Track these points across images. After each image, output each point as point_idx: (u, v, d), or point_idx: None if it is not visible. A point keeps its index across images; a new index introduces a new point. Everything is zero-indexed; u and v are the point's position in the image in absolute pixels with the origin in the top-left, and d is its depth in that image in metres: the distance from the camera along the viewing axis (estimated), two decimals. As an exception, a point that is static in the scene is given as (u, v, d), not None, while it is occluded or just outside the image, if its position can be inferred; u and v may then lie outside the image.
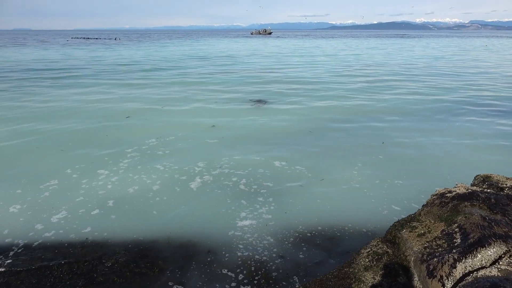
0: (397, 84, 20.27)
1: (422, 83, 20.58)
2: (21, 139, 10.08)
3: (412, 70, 26.81)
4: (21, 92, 17.66)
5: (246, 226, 5.79)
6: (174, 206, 6.42)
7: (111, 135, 10.58)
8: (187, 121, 12.20)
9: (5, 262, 4.67)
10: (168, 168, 8.10)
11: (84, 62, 32.94)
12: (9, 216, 5.87)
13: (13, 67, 28.36)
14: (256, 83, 20.45)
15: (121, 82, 20.96)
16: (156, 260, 4.83)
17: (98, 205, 6.34)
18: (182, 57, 39.03)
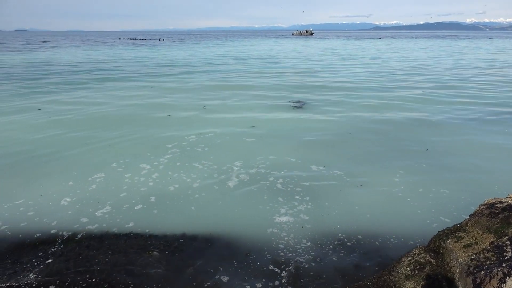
0: (444, 89, 19.33)
1: (472, 89, 19.45)
2: (72, 135, 10.71)
3: (461, 74, 25.45)
4: (71, 91, 18.78)
5: (283, 226, 5.77)
6: (212, 203, 6.53)
7: (153, 132, 10.96)
8: (227, 121, 12.37)
9: (55, 252, 4.99)
10: (206, 165, 8.25)
11: (129, 63, 34.40)
12: (60, 209, 6.25)
13: (62, 67, 30.20)
14: (296, 85, 20.33)
15: (163, 82, 21.68)
16: (193, 257, 4.94)
17: (141, 200, 6.59)
18: (222, 58, 39.65)
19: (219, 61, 36.07)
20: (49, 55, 45.05)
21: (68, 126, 11.72)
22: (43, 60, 36.74)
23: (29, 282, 4.37)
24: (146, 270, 4.63)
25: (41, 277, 4.45)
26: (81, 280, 4.42)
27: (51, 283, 4.36)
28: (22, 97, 16.90)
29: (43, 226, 5.70)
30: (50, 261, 4.76)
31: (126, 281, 4.43)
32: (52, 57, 41.71)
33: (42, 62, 35.11)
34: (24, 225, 5.72)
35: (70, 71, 27.29)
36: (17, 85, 20.58)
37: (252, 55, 43.85)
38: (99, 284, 4.36)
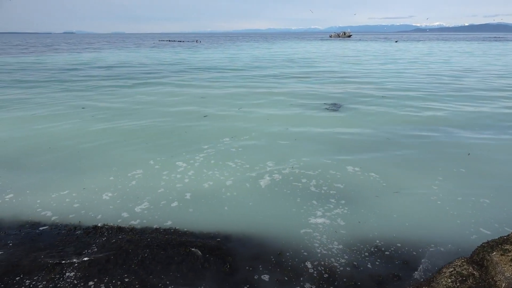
0: (490, 94, 18.32)
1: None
2: (113, 132, 11.17)
3: (510, 79, 24.06)
4: (113, 91, 19.65)
5: (316, 228, 5.73)
6: (245, 203, 6.59)
7: (190, 132, 11.20)
8: (262, 122, 12.42)
9: (98, 243, 5.23)
10: (240, 165, 8.32)
11: (168, 64, 35.35)
12: (103, 203, 6.54)
13: (105, 68, 31.55)
14: (331, 87, 20.06)
15: (200, 83, 22.11)
16: (228, 255, 5.01)
17: (177, 197, 6.76)
18: (258, 60, 39.85)
19: (255, 63, 36.28)
20: (93, 56, 47.36)
21: (109, 124, 12.24)
22: (87, 61, 38.66)
23: (73, 271, 4.60)
24: (184, 267, 4.73)
25: (85, 267, 4.68)
26: (122, 272, 4.61)
27: (94, 274, 4.57)
28: (68, 96, 17.87)
29: (87, 218, 6.00)
30: (93, 252, 5.00)
31: (165, 276, 4.56)
32: (96, 58, 43.79)
33: (86, 63, 36.95)
34: (72, 216, 6.05)
35: (112, 72, 28.53)
36: (64, 84, 21.83)
37: (288, 57, 43.73)
38: (138, 277, 4.52)
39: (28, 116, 13.37)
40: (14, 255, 4.96)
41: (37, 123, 12.34)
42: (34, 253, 4.99)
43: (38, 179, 7.57)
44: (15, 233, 5.54)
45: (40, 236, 5.44)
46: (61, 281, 4.42)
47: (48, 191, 6.97)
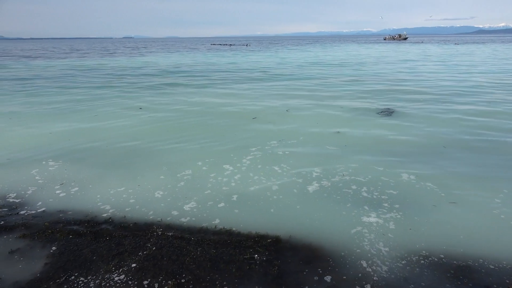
0: None
1: None
2: (166, 133, 11.70)
3: None
4: (168, 92, 20.57)
5: (367, 235, 5.59)
6: (291, 207, 6.58)
7: (238, 134, 11.42)
8: (310, 126, 12.34)
9: (151, 238, 5.50)
10: (286, 169, 8.34)
11: (219, 67, 36.27)
12: (155, 200, 6.86)
13: (162, 70, 33.08)
14: (384, 92, 19.40)
15: (250, 86, 22.44)
16: (276, 258, 5.02)
17: (224, 199, 6.91)
18: (308, 63, 39.59)
19: (305, 66, 36.08)
20: (150, 59, 49.94)
21: (163, 124, 12.83)
22: (144, 64, 40.81)
23: (130, 263, 4.89)
24: (232, 266, 4.84)
25: (141, 260, 4.95)
26: (173, 267, 4.81)
27: (149, 267, 4.82)
28: (126, 96, 19.04)
29: (141, 213, 6.34)
30: (148, 246, 5.27)
31: (215, 274, 4.70)
32: (152, 61, 46.09)
33: (143, 65, 39.00)
34: (127, 211, 6.43)
35: (167, 74, 29.91)
36: (123, 85, 23.31)
37: (339, 60, 42.96)
38: (189, 273, 4.69)
39: (91, 115, 14.44)
40: (77, 244, 5.37)
41: (98, 121, 13.29)
42: (94, 244, 5.38)
43: (98, 174, 8.15)
44: (78, 223, 6.00)
45: (100, 228, 5.84)
46: (119, 272, 4.71)
47: (106, 187, 7.47)
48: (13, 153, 9.66)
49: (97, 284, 4.50)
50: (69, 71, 34.26)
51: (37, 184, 7.62)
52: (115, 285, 4.48)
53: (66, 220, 6.12)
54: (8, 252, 5.20)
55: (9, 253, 5.19)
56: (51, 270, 4.77)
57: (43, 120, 13.62)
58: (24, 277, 4.66)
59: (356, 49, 78.01)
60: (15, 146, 10.30)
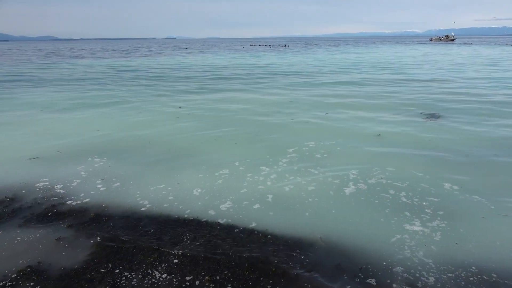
0: None
1: None
2: (205, 132, 11.93)
3: None
4: (206, 92, 21.02)
5: (406, 243, 5.39)
6: (327, 210, 6.48)
7: (275, 135, 11.43)
8: (350, 128, 12.10)
9: (189, 234, 5.63)
10: (323, 172, 8.23)
11: (258, 68, 36.44)
12: (193, 198, 7.01)
13: (201, 70, 33.79)
14: (431, 95, 18.58)
15: (288, 87, 22.42)
16: (311, 262, 4.97)
17: (259, 199, 6.93)
18: (347, 65, 38.84)
19: (345, 67, 35.41)
20: (192, 59, 51.38)
21: (202, 123, 13.10)
22: (185, 64, 41.95)
23: (169, 258, 5.04)
24: (267, 266, 4.84)
25: (179, 256, 5.09)
26: (210, 264, 4.90)
27: (186, 263, 4.94)
28: (167, 95, 19.69)
29: (180, 210, 6.49)
30: (186, 243, 5.41)
31: (248, 273, 4.72)
32: (193, 61, 47.31)
33: (184, 66, 40.09)
34: (166, 207, 6.62)
35: (206, 74, 30.61)
36: (164, 84, 24.20)
37: (382, 62, 41.71)
38: (225, 271, 4.76)
39: (134, 113, 15.06)
40: (118, 237, 5.61)
41: (141, 119, 13.82)
42: (135, 238, 5.59)
43: (139, 171, 8.45)
44: (120, 217, 6.26)
45: (140, 223, 6.06)
46: (158, 266, 4.86)
47: (147, 183, 7.73)
48: (63, 147, 10.25)
49: (138, 277, 4.67)
50: (113, 70, 35.94)
51: (82, 177, 8.04)
52: (155, 278, 4.63)
53: (108, 213, 6.41)
54: (56, 239, 5.54)
55: (56, 240, 5.53)
56: (95, 260, 5.02)
57: (90, 117, 14.37)
58: (70, 264, 4.93)
59: (400, 50, 75.34)
60: (64, 141, 10.94)
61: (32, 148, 10.18)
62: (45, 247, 5.34)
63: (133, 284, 4.51)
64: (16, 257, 5.11)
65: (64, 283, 4.55)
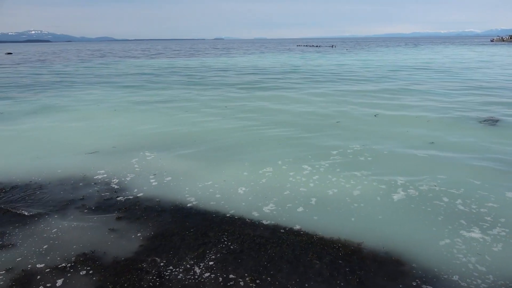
0: None
1: None
2: (250, 131, 12.11)
3: None
4: (250, 92, 21.40)
5: (463, 254, 5.09)
6: (375, 216, 6.28)
7: (320, 136, 11.30)
8: (400, 133, 11.63)
9: (233, 232, 5.74)
10: (368, 175, 8.00)
11: (304, 69, 36.18)
12: (238, 196, 7.11)
13: (251, 70, 34.13)
14: (491, 99, 17.31)
15: (335, 88, 22.06)
16: (358, 269, 4.85)
17: (303, 201, 6.86)
18: (399, 66, 37.31)
19: (396, 69, 34.02)
20: (239, 59, 52.57)
21: (247, 122, 13.28)
22: (232, 64, 42.65)
23: (214, 254, 5.17)
24: (311, 271, 4.80)
25: (223, 253, 5.20)
26: (252, 263, 4.96)
27: (230, 260, 5.04)
28: (214, 94, 20.20)
29: (225, 208, 6.62)
30: (230, 240, 5.51)
31: (292, 276, 4.71)
32: (239, 61, 48.28)
33: (231, 66, 40.83)
34: (213, 204, 6.79)
35: (253, 74, 31.21)
36: (211, 83, 24.91)
37: (437, 64, 39.48)
38: (268, 272, 4.78)
39: (182, 111, 15.65)
40: (168, 230, 5.85)
41: (188, 117, 14.32)
42: (182, 231, 5.79)
43: (188, 167, 8.73)
44: (169, 211, 6.51)
45: (187, 217, 6.26)
46: (203, 262, 4.99)
47: (195, 179, 7.96)
48: (117, 142, 10.86)
49: (183, 270, 4.83)
50: (162, 70, 37.57)
51: (135, 172, 8.46)
52: (199, 273, 4.76)
53: (158, 207, 6.69)
54: (109, 229, 5.89)
55: (110, 230, 5.88)
56: (145, 252, 5.27)
57: (142, 114, 15.12)
58: (122, 254, 5.22)
59: (458, 51, 71.03)
60: (119, 136, 11.60)
61: (90, 143, 10.90)
62: (100, 236, 5.70)
63: (178, 277, 4.68)
64: (75, 243, 5.51)
65: (116, 271, 4.83)
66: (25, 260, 5.08)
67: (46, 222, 6.17)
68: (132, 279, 4.65)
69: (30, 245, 5.47)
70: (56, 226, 6.05)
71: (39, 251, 5.31)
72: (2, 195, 7.22)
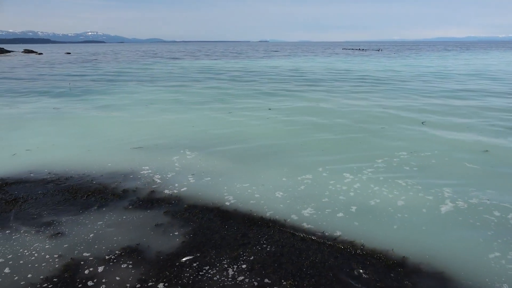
0: None
1: None
2: (291, 134, 12.02)
3: None
4: (297, 95, 21.23)
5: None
6: (419, 228, 6.01)
7: (363, 142, 11.00)
8: (451, 141, 11.05)
9: (273, 236, 5.73)
10: (413, 185, 7.66)
11: (350, 72, 35.45)
12: (276, 200, 7.08)
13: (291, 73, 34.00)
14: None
15: (379, 93, 21.46)
16: (404, 280, 4.69)
17: (343, 208, 6.71)
18: (450, 71, 35.53)
19: (446, 74, 32.42)
20: (283, 62, 52.39)
21: (290, 126, 13.21)
22: (274, 67, 42.73)
23: (253, 255, 5.19)
24: (354, 281, 4.69)
25: (262, 255, 5.21)
26: (292, 268, 4.92)
27: (269, 263, 5.03)
28: (256, 96, 20.30)
29: (264, 211, 6.62)
30: (270, 243, 5.51)
31: (334, 283, 4.63)
32: (282, 64, 48.22)
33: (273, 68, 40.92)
34: (252, 204, 6.82)
35: (298, 77, 31.14)
36: (254, 85, 25.05)
37: (493, 71, 37.11)
38: (308, 277, 4.73)
39: (225, 112, 15.91)
40: (209, 228, 5.95)
41: (231, 118, 14.49)
42: (222, 230, 5.88)
43: (227, 167, 8.84)
44: (209, 210, 6.62)
45: (227, 217, 6.33)
46: (242, 263, 5.02)
47: (234, 180, 8.04)
48: (160, 140, 11.26)
49: (223, 270, 4.89)
50: (207, 71, 38.49)
51: (176, 169, 8.70)
52: (237, 274, 4.79)
53: (199, 205, 6.84)
54: (154, 224, 6.11)
55: (154, 225, 6.09)
56: (187, 248, 5.39)
57: (185, 114, 15.58)
58: (165, 249, 5.38)
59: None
60: (162, 134, 12.01)
61: (136, 139, 11.38)
62: (144, 230, 5.92)
63: (217, 277, 4.72)
64: (120, 236, 5.76)
65: (159, 265, 4.99)
66: (73, 248, 5.39)
67: (94, 213, 6.52)
68: (173, 275, 4.78)
69: (79, 234, 5.80)
70: (104, 217, 6.37)
71: (87, 240, 5.61)
72: (58, 186, 7.74)
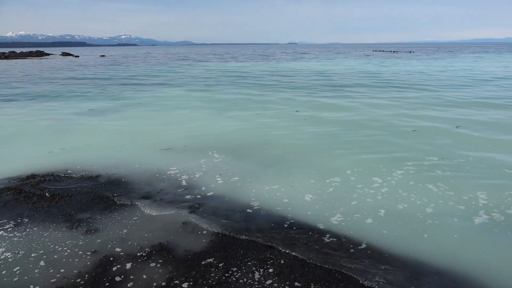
0: None
1: None
2: (320, 137, 12.00)
3: None
4: (325, 96, 21.17)
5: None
6: (451, 238, 5.83)
7: (393, 146, 10.79)
8: (486, 147, 10.62)
9: (301, 239, 5.73)
10: (444, 192, 7.44)
11: (380, 75, 34.71)
12: (305, 204, 7.06)
13: (320, 75, 33.80)
14: None
15: (409, 94, 21.08)
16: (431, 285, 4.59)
17: (371, 214, 6.62)
18: (487, 74, 34.04)
19: (483, 78, 31.05)
20: (310, 65, 53.18)
21: (318, 128, 13.15)
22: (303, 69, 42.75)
23: (280, 258, 5.22)
24: None
25: (290, 258, 5.23)
26: (320, 272, 4.92)
27: (297, 267, 5.05)
28: (285, 98, 20.42)
29: (292, 214, 6.63)
30: (298, 247, 5.52)
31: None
32: (312, 66, 48.40)
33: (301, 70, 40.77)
34: (279, 208, 6.84)
35: (326, 79, 31.00)
36: (281, 87, 25.27)
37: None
38: (336, 282, 4.71)
39: (253, 113, 16.12)
40: (236, 229, 6.04)
41: (258, 121, 14.60)
42: (250, 232, 5.94)
43: (255, 170, 8.91)
44: (236, 212, 6.71)
45: (254, 219, 6.41)
46: (269, 265, 5.07)
47: (262, 182, 8.10)
48: (189, 141, 11.48)
49: (249, 272, 4.95)
50: (235, 73, 38.96)
51: (203, 170, 8.86)
52: (265, 276, 4.84)
53: (227, 206, 6.95)
54: (182, 223, 6.27)
55: (182, 223, 6.26)
56: (214, 248, 5.50)
57: (213, 116, 15.80)
58: (193, 247, 5.52)
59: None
60: (190, 136, 12.25)
61: (164, 140, 11.68)
62: (174, 229, 6.09)
63: (244, 278, 4.79)
64: (150, 234, 5.95)
65: (187, 264, 5.12)
66: (106, 244, 5.62)
67: (126, 211, 6.76)
68: (200, 274, 4.88)
69: (112, 231, 6.04)
70: (135, 215, 6.60)
71: (119, 237, 5.84)
72: (90, 184, 8.08)
